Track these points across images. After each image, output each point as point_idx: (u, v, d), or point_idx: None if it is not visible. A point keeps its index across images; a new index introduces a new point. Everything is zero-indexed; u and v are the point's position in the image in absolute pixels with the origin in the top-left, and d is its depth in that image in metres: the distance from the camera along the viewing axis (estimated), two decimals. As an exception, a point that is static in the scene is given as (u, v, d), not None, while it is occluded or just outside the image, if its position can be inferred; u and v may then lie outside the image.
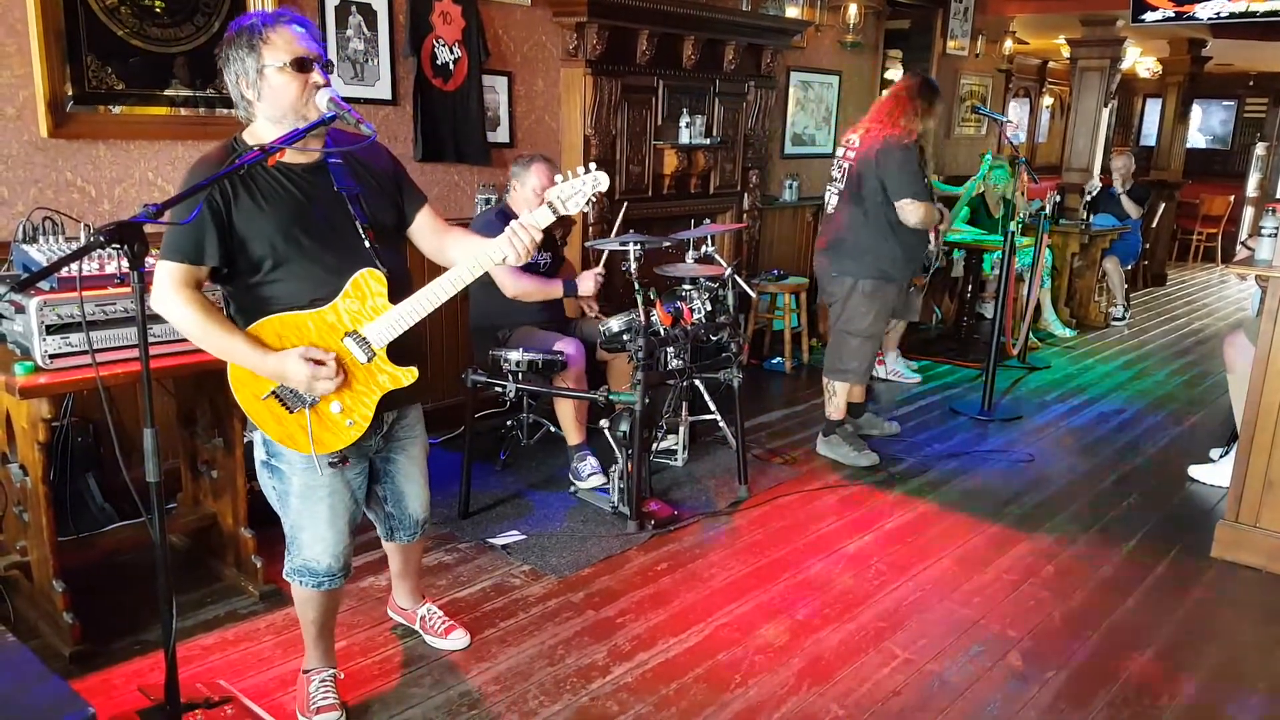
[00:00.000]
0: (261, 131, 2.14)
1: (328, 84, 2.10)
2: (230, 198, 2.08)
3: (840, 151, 4.41)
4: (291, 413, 2.17)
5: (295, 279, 2.13)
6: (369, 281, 2.17)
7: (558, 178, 2.25)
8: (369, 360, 2.19)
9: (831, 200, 4.42)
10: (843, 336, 4.43)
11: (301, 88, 2.08)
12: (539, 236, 2.23)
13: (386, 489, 2.51)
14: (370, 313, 2.18)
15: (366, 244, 2.18)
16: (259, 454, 2.30)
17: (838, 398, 4.50)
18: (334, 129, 2.21)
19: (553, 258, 4.21)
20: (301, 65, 2.07)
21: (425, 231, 2.38)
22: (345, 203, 2.18)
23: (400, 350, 2.22)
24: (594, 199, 2.24)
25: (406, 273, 2.32)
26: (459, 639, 2.83)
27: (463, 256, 2.27)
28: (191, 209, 2.00)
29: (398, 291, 2.20)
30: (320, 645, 2.54)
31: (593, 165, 2.25)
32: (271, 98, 2.09)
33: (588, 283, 4.00)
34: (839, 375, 4.47)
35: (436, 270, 2.26)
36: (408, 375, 2.24)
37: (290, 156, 2.14)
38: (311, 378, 2.10)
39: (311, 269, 2.14)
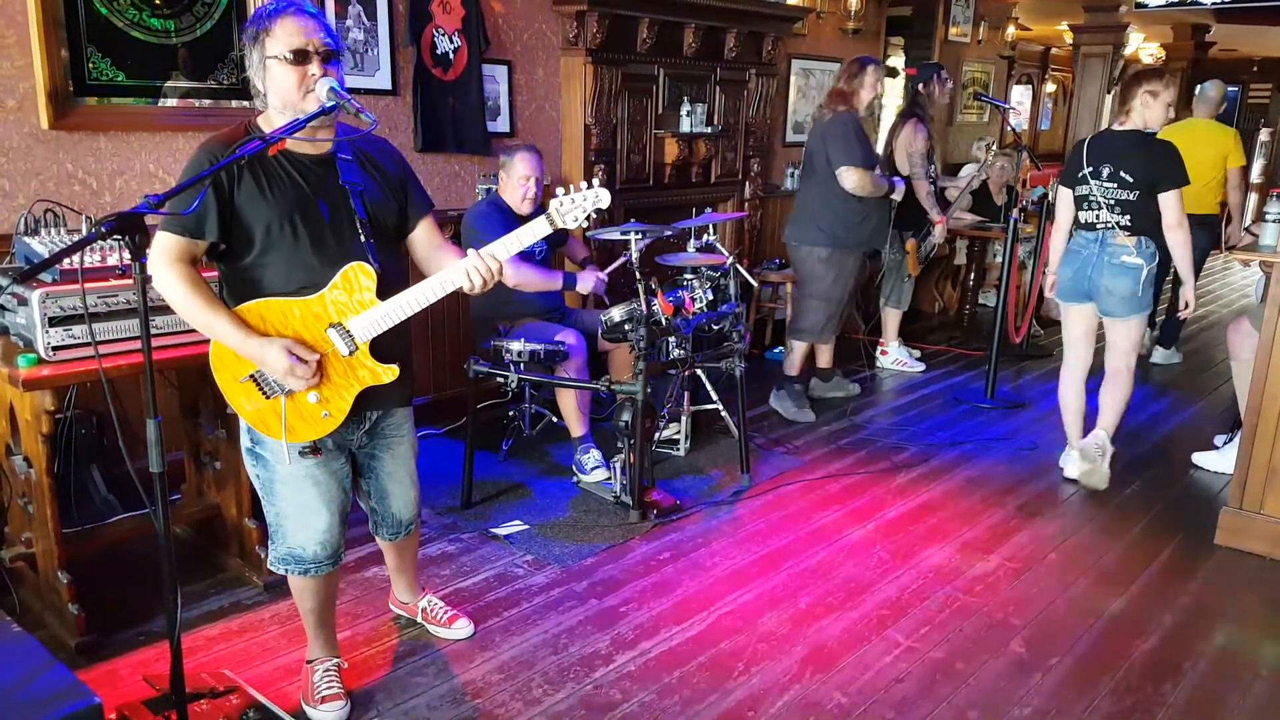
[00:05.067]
0: (276, 120, 2.16)
1: (329, 74, 2.10)
2: (235, 178, 2.09)
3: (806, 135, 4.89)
4: (268, 398, 2.18)
5: (286, 265, 2.14)
6: (358, 275, 2.17)
7: (559, 190, 2.27)
8: (350, 354, 2.19)
9: (796, 179, 4.87)
10: (802, 298, 4.91)
11: (299, 79, 2.08)
12: (495, 266, 2.21)
13: (370, 485, 2.51)
14: (357, 306, 2.18)
15: (362, 239, 2.19)
16: (244, 441, 2.31)
17: (794, 355, 4.89)
18: (343, 124, 2.22)
19: (549, 248, 4.20)
20: (299, 57, 2.07)
21: (421, 241, 2.40)
22: (348, 197, 2.19)
23: (383, 348, 2.22)
24: (593, 215, 2.27)
25: (402, 274, 2.32)
26: (463, 628, 2.84)
27: (441, 270, 2.27)
28: (193, 198, 2.01)
29: (389, 290, 2.20)
30: (322, 634, 2.54)
31: (595, 181, 2.31)
32: (273, 88, 2.11)
33: (587, 283, 4.02)
34: (796, 334, 4.90)
35: (423, 278, 2.27)
36: (388, 373, 2.24)
37: (300, 147, 2.15)
38: (288, 370, 2.11)
39: (304, 257, 2.15)
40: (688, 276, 4.16)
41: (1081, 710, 2.59)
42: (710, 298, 4.03)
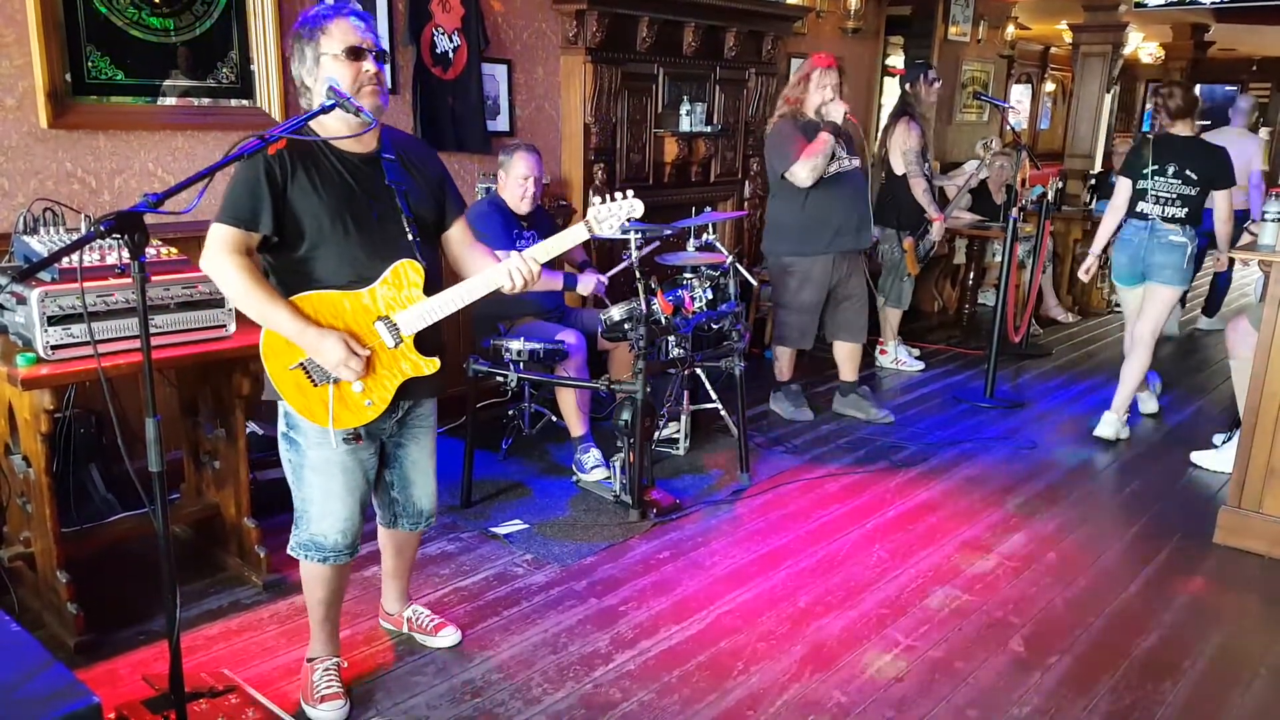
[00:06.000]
0: (323, 119, 2.21)
1: (380, 75, 2.21)
2: (289, 172, 2.16)
3: None
4: (315, 386, 2.25)
5: (337, 259, 2.22)
6: (408, 271, 2.25)
7: (595, 199, 2.37)
8: (395, 346, 2.27)
9: None
10: (774, 306, 5.05)
11: (354, 75, 2.17)
12: (537, 269, 2.34)
13: (394, 475, 2.54)
14: (404, 301, 2.26)
15: (409, 236, 2.28)
16: (280, 425, 2.37)
17: (779, 361, 4.90)
18: (386, 126, 2.32)
19: (537, 239, 4.19)
20: (355, 54, 2.17)
21: (456, 239, 2.48)
22: (394, 196, 2.28)
23: (424, 341, 2.31)
24: (626, 224, 2.38)
25: (440, 270, 2.40)
26: (449, 636, 2.81)
27: (476, 271, 2.39)
28: (246, 194, 2.12)
29: (434, 285, 2.30)
30: (325, 630, 2.55)
31: (630, 192, 2.38)
32: (317, 82, 2.19)
33: (588, 284, 4.03)
34: (776, 340, 4.94)
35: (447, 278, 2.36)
36: (429, 365, 2.32)
37: (348, 146, 2.23)
38: (342, 362, 2.18)
39: (353, 252, 2.22)
40: (687, 276, 4.16)
41: (1081, 709, 2.59)
42: (710, 297, 4.03)
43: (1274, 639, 2.99)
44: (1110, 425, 4.69)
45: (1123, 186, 4.56)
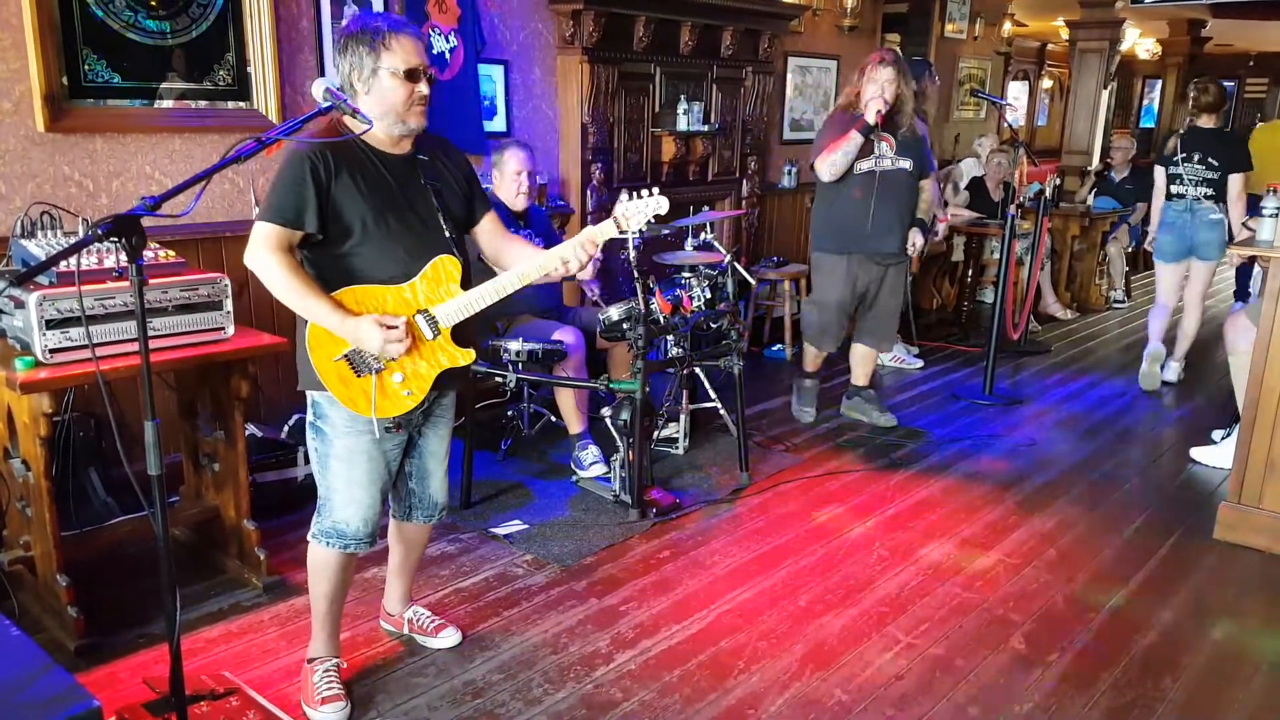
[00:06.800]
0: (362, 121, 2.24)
1: (426, 95, 2.27)
2: (333, 172, 2.21)
3: None
4: (359, 377, 2.30)
5: (379, 255, 2.28)
6: (447, 266, 2.33)
7: (623, 195, 2.44)
8: (434, 338, 2.34)
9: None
10: (805, 302, 4.95)
11: (408, 95, 2.24)
12: (597, 252, 2.43)
13: (414, 465, 2.60)
14: (443, 295, 2.33)
15: (447, 234, 2.36)
16: (308, 415, 2.42)
17: (805, 353, 4.88)
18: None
19: (544, 245, 4.18)
20: (412, 75, 2.23)
21: (487, 233, 2.55)
22: (431, 195, 2.36)
23: (460, 333, 2.37)
24: (652, 220, 2.44)
25: (469, 265, 2.45)
26: (450, 637, 2.82)
27: (517, 261, 2.45)
28: (292, 195, 2.18)
29: (470, 279, 2.38)
30: (326, 628, 2.55)
31: (655, 190, 2.43)
32: (379, 96, 2.24)
33: (586, 269, 4.00)
34: (804, 336, 4.85)
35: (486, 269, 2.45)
36: (465, 356, 2.39)
37: (387, 147, 2.30)
38: (385, 340, 2.22)
39: (394, 249, 2.28)
40: (685, 275, 4.16)
41: (1081, 706, 2.59)
42: (708, 296, 4.03)
43: (1274, 635, 2.99)
44: (1174, 371, 5.62)
45: (1159, 174, 5.33)
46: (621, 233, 2.42)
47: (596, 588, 3.16)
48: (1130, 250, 8.29)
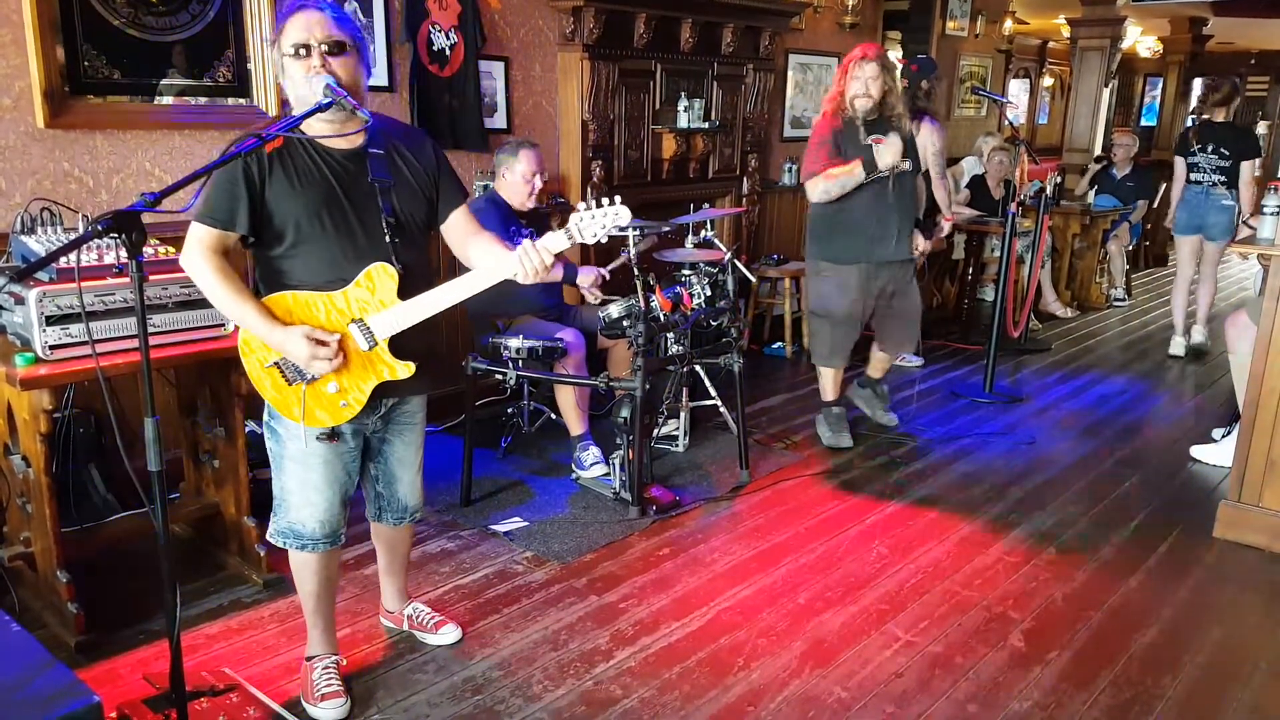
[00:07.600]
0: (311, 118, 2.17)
1: (330, 68, 2.12)
2: (266, 172, 2.15)
3: None
4: (290, 385, 2.25)
5: (315, 259, 2.21)
6: (381, 275, 2.23)
7: (580, 205, 2.28)
8: (370, 349, 2.25)
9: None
10: (809, 316, 4.79)
11: (304, 72, 2.13)
12: (549, 260, 2.26)
13: (379, 469, 2.54)
14: (378, 304, 2.24)
15: (387, 239, 2.24)
16: (264, 414, 2.38)
17: (821, 379, 4.52)
18: (379, 117, 2.27)
19: (534, 236, 4.18)
20: (302, 50, 2.13)
21: (455, 230, 2.42)
22: (376, 194, 2.24)
23: (405, 342, 2.28)
24: (613, 231, 2.27)
25: (427, 269, 2.38)
26: (450, 633, 2.81)
27: (479, 263, 2.34)
28: (223, 193, 2.11)
29: (412, 287, 2.26)
30: (320, 623, 2.54)
31: (618, 199, 2.26)
32: (290, 84, 2.19)
33: (589, 276, 4.00)
34: (812, 356, 4.56)
35: (457, 269, 2.33)
36: (404, 369, 2.29)
37: (332, 141, 2.19)
38: (310, 356, 2.17)
39: (330, 252, 2.21)
40: (685, 272, 4.16)
41: (1081, 704, 2.59)
42: (708, 293, 4.03)
43: (1274, 633, 2.99)
44: (1200, 334, 6.33)
45: (1178, 163, 6.00)
46: (570, 244, 2.26)
47: (596, 585, 3.16)
48: (1131, 249, 8.29)
